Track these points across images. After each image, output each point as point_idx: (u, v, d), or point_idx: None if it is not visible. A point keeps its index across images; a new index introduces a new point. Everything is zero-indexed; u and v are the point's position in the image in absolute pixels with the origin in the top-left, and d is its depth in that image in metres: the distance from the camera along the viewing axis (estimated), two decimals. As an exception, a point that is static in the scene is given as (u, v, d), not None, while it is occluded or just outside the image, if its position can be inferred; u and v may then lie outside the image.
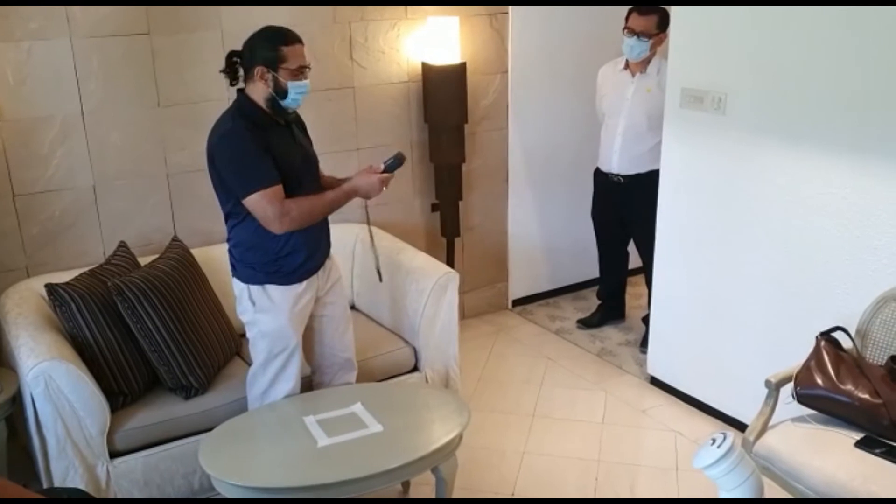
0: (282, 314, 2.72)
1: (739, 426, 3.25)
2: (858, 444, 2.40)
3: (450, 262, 4.15)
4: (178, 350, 2.87)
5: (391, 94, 3.93)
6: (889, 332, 2.60)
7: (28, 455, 2.89)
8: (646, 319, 4.08)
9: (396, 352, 3.30)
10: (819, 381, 2.50)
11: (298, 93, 2.59)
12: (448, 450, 2.63)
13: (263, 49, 2.55)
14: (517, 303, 4.70)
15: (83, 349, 2.79)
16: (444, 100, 3.91)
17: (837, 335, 2.61)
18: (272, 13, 3.38)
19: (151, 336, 2.83)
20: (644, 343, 4.00)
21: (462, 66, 3.91)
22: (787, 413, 2.60)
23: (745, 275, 3.22)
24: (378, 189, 2.72)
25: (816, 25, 2.80)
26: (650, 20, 3.70)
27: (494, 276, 4.58)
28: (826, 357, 2.54)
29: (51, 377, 2.57)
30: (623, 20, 3.77)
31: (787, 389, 2.59)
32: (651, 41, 3.73)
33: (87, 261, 3.23)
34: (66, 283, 2.83)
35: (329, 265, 2.89)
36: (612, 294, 4.44)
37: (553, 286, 4.81)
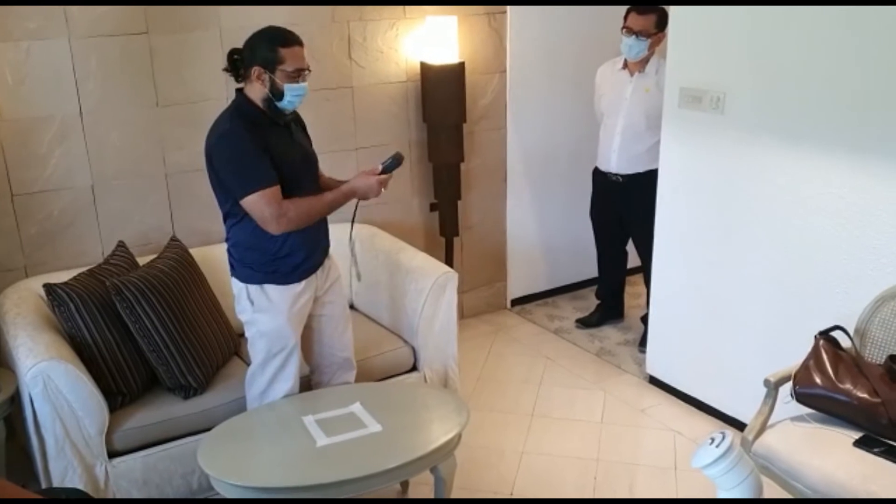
0: (280, 314, 2.72)
1: (738, 425, 3.25)
2: (857, 444, 2.40)
3: (448, 262, 4.15)
4: (177, 350, 2.87)
5: (390, 94, 3.93)
6: (888, 332, 2.60)
7: (27, 455, 2.89)
8: (644, 319, 4.08)
9: (395, 351, 3.30)
10: (818, 381, 2.50)
11: (295, 95, 2.58)
12: (447, 449, 2.63)
13: (262, 49, 2.54)
14: (516, 302, 4.70)
15: (82, 349, 2.78)
16: (443, 99, 3.91)
17: (836, 334, 2.60)
18: (270, 12, 3.38)
19: (150, 336, 2.83)
20: (643, 342, 4.00)
21: (460, 66, 3.90)
22: (786, 412, 2.60)
23: (744, 274, 3.22)
24: (376, 190, 2.72)
25: (815, 25, 2.80)
26: (649, 19, 3.70)
27: (493, 276, 4.58)
28: (825, 356, 2.54)
29: (49, 377, 2.56)
30: (621, 19, 3.77)
31: (786, 389, 2.59)
32: (649, 41, 3.73)
33: (86, 261, 3.23)
34: (65, 283, 2.83)
35: (328, 265, 2.89)
36: (611, 293, 4.44)
37: (552, 286, 4.81)
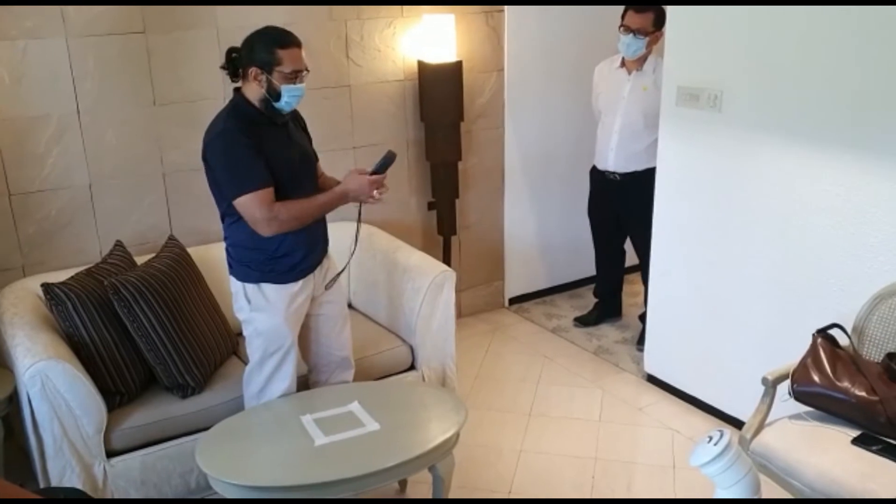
0: (277, 313, 2.71)
1: (736, 424, 3.24)
2: (855, 442, 2.40)
3: (446, 261, 4.14)
4: (175, 349, 2.86)
5: (387, 93, 3.92)
6: (885, 329, 2.60)
7: (25, 455, 2.89)
8: (642, 317, 4.08)
9: (393, 350, 3.30)
10: (816, 379, 2.50)
11: (292, 96, 2.58)
12: (445, 448, 2.63)
13: (260, 50, 2.53)
14: (514, 301, 4.70)
15: (80, 348, 2.78)
16: (440, 98, 3.90)
17: (834, 332, 2.61)
18: (268, 11, 3.37)
19: (148, 335, 2.83)
20: (641, 341, 4.00)
21: (458, 65, 3.90)
22: (784, 410, 2.61)
23: (742, 272, 3.23)
24: (368, 190, 2.68)
25: (812, 23, 2.80)
26: (646, 18, 3.70)
27: (491, 275, 4.58)
28: (823, 354, 2.54)
29: (47, 377, 2.56)
30: (619, 18, 3.77)
31: (784, 387, 2.59)
32: (647, 39, 3.73)
33: (84, 260, 3.22)
34: (63, 283, 2.82)
35: (326, 264, 2.88)
36: (609, 292, 4.45)
37: (550, 284, 4.81)
